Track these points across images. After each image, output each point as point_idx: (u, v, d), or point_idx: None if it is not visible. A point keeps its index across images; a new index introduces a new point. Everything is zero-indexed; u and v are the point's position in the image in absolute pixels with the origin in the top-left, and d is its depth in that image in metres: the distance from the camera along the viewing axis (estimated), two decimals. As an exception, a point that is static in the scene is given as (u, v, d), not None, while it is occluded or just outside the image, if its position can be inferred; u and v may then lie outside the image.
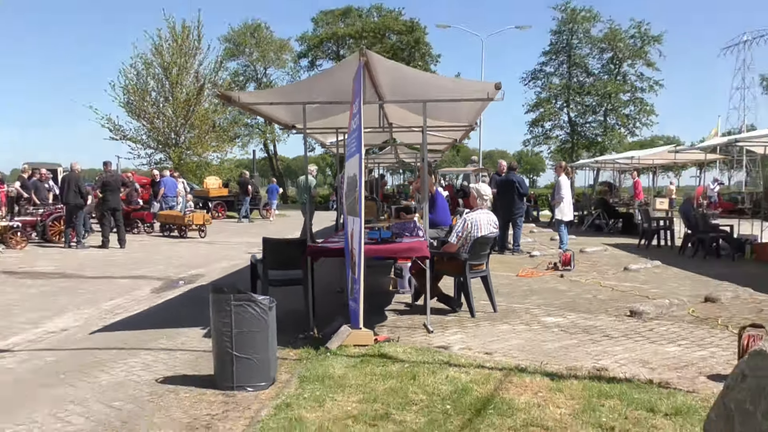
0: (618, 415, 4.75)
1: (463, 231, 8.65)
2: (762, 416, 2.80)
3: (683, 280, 11.73)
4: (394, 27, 53.16)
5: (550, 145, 53.51)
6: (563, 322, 8.19)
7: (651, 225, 18.33)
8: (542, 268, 13.03)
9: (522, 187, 16.15)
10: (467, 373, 5.81)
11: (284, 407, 4.96)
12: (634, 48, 50.04)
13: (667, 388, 5.43)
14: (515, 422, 4.63)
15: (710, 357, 6.56)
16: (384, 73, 8.08)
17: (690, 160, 27.09)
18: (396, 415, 4.80)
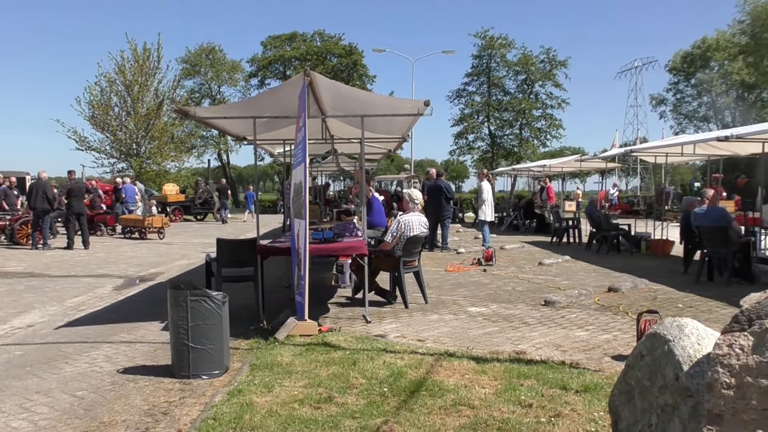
0: (535, 393, 4.78)
1: (397, 231, 8.63)
2: (658, 391, 2.83)
3: (590, 273, 11.94)
4: (335, 50, 52.98)
5: (473, 154, 53.97)
6: (486, 312, 8.24)
7: (561, 224, 18.65)
8: (468, 263, 13.11)
9: (449, 192, 16.24)
10: (402, 359, 5.78)
11: (236, 393, 4.85)
12: (544, 71, 50.91)
13: (578, 368, 5.49)
14: (445, 402, 4.61)
15: (613, 340, 6.67)
16: (326, 91, 8.03)
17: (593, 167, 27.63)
18: (338, 398, 4.74)
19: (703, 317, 7.65)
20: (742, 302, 2.61)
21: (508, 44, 50.52)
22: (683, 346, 2.79)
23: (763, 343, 2.29)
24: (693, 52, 56.50)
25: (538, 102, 51.68)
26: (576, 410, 4.42)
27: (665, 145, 16.13)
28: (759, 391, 2.20)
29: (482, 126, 52.28)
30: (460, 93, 52.38)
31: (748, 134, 11.68)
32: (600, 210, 17.07)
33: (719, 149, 14.67)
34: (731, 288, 9.84)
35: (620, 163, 34.35)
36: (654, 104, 61.66)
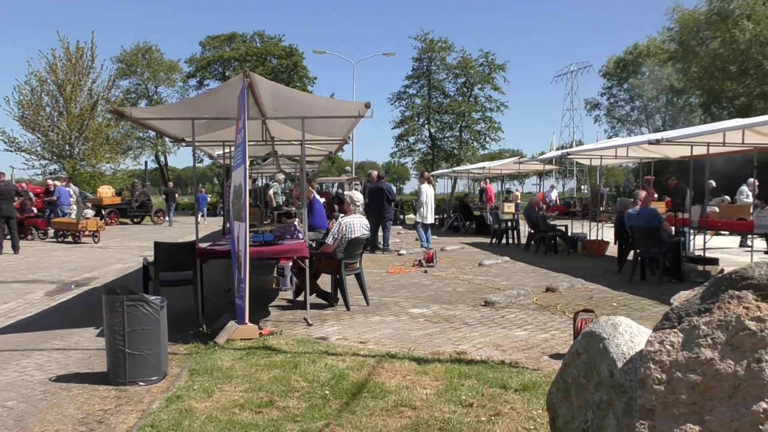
0: (476, 393, 4.84)
1: (338, 233, 8.62)
2: (593, 388, 2.90)
3: (528, 273, 12.14)
4: (275, 52, 52.69)
5: (414, 156, 54.40)
6: (428, 313, 8.29)
7: (500, 226, 18.91)
8: (409, 265, 13.17)
9: (390, 194, 16.30)
10: (344, 361, 5.77)
11: (175, 399, 4.75)
12: (483, 74, 51.73)
13: (517, 367, 5.58)
14: (387, 403, 4.63)
15: (551, 339, 6.80)
16: (266, 92, 7.96)
17: (531, 169, 28.21)
18: (280, 401, 4.70)
19: (636, 315, 7.87)
20: (673, 300, 2.70)
21: (448, 47, 51.19)
22: (617, 344, 2.87)
23: (692, 340, 2.37)
24: (625, 58, 58.28)
25: (478, 105, 52.50)
26: (515, 409, 4.49)
27: (600, 148, 16.57)
28: (688, 385, 2.28)
29: (423, 128, 52.76)
30: (401, 95, 52.80)
31: (677, 138, 12.09)
32: (538, 211, 17.38)
33: (651, 152, 15.14)
34: (663, 286, 10.15)
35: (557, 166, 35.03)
36: (589, 108, 63.35)
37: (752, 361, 2.17)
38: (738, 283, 2.41)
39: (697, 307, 2.47)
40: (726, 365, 2.23)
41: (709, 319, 2.39)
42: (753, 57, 36.97)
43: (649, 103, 57.52)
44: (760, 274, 2.38)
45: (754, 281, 2.37)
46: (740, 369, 2.18)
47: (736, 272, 2.46)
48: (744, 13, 37.73)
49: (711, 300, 2.44)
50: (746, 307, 2.32)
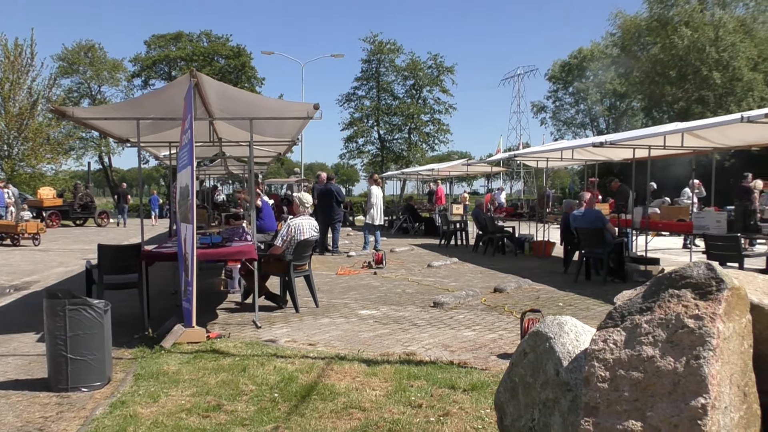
0: (425, 394, 4.86)
1: (287, 235, 8.57)
2: (540, 386, 2.94)
3: (477, 274, 12.26)
4: (222, 52, 52.03)
5: (363, 158, 54.41)
6: (377, 314, 8.31)
7: (449, 227, 19.06)
8: (358, 266, 13.17)
9: (340, 195, 16.27)
10: (293, 363, 5.74)
11: (119, 404, 4.65)
12: (432, 77, 52.10)
13: (465, 368, 5.63)
14: (336, 405, 4.62)
15: (499, 339, 6.88)
16: (213, 92, 7.87)
17: (479, 171, 28.55)
18: (228, 405, 4.64)
19: (581, 315, 8.03)
20: (616, 300, 2.76)
21: (397, 49, 51.36)
22: (563, 343, 2.92)
23: (634, 338, 2.43)
24: (570, 62, 59.38)
25: (427, 107, 52.82)
26: (464, 408, 4.54)
27: (546, 150, 16.85)
28: (630, 382, 2.34)
29: (372, 130, 52.81)
30: (350, 97, 52.75)
31: (620, 141, 12.38)
32: (486, 213, 17.59)
33: (595, 154, 15.48)
34: (607, 286, 10.38)
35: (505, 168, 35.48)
36: (535, 111, 64.29)
37: (691, 358, 2.23)
38: (677, 282, 2.48)
39: (639, 306, 2.53)
40: (666, 362, 2.29)
41: (650, 317, 2.45)
42: (691, 63, 38.09)
43: (593, 107, 58.72)
44: (698, 273, 2.46)
45: (693, 280, 2.44)
46: (680, 366, 2.25)
47: (675, 272, 2.53)
48: (682, 20, 38.85)
49: (652, 299, 2.51)
50: (685, 306, 2.38)
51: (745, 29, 37.96)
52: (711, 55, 36.97)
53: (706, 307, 2.33)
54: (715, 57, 36.90)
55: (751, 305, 2.50)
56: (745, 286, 2.53)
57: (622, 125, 51.20)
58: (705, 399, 2.14)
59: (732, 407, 2.25)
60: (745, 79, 36.41)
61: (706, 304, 2.35)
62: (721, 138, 11.93)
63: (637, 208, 13.20)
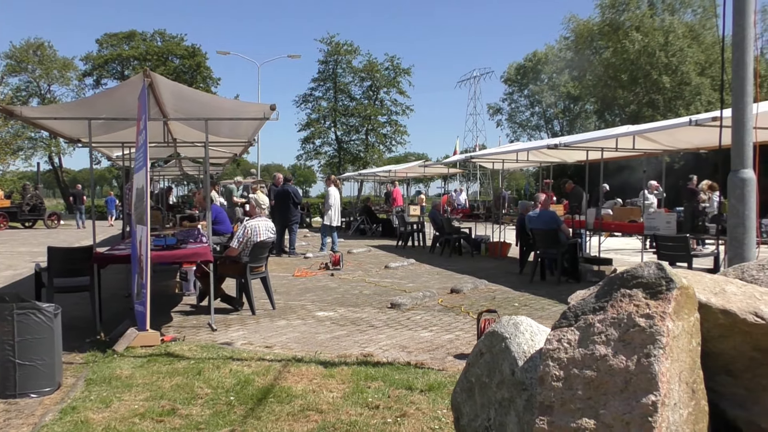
0: (382, 395, 4.87)
1: (243, 237, 8.50)
2: (496, 386, 2.97)
3: (433, 275, 12.32)
4: (177, 51, 51.27)
5: (320, 159, 54.29)
6: (334, 316, 8.29)
7: (406, 228, 19.11)
8: (315, 268, 13.11)
9: (297, 197, 16.19)
10: (249, 366, 5.68)
11: (70, 410, 4.55)
12: (389, 78, 52.27)
13: (422, 368, 5.65)
14: (293, 408, 4.59)
15: (456, 339, 6.92)
16: (167, 92, 7.76)
17: (436, 173, 28.71)
18: (182, 409, 4.58)
19: (536, 315, 8.13)
20: (570, 299, 2.80)
21: (354, 51, 51.40)
22: (518, 343, 2.95)
23: (588, 337, 2.47)
24: (525, 65, 60.13)
25: (384, 108, 52.96)
26: (421, 409, 4.55)
27: (502, 152, 17.02)
28: (584, 381, 2.37)
29: (329, 131, 52.74)
30: (307, 98, 52.59)
31: (573, 143, 12.59)
32: (443, 214, 17.68)
33: (549, 156, 15.70)
34: (561, 286, 10.53)
35: (461, 169, 35.78)
36: (491, 113, 64.93)
37: (642, 356, 2.28)
38: (629, 282, 2.53)
39: (592, 305, 2.57)
40: (618, 361, 2.33)
41: (603, 317, 2.49)
42: (642, 67, 38.95)
43: (547, 109, 59.59)
44: (649, 273, 2.51)
45: (644, 280, 2.49)
46: (631, 364, 2.29)
47: (627, 272, 2.58)
48: (633, 25, 39.71)
49: (605, 299, 2.55)
50: (636, 305, 2.43)
51: (693, 35, 38.98)
52: (661, 59, 37.88)
53: (657, 306, 2.38)
54: (664, 61, 37.81)
55: (699, 304, 2.56)
56: (694, 285, 2.59)
57: (575, 127, 52.09)
58: (655, 396, 2.19)
59: (681, 404, 2.30)
60: (693, 83, 37.39)
61: (657, 304, 2.40)
62: (670, 141, 12.22)
63: (591, 210, 13.43)
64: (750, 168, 5.33)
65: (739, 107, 5.32)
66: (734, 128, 5.37)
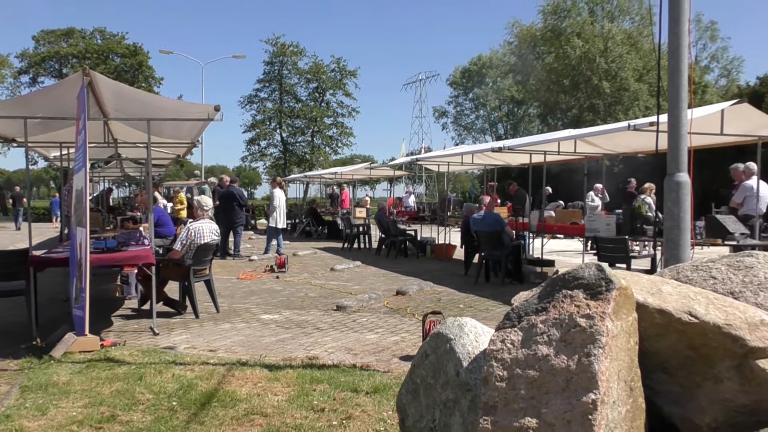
0: (327, 397, 4.85)
1: (186, 239, 8.37)
2: (441, 387, 2.99)
3: (379, 277, 12.34)
4: (118, 50, 50.11)
5: (266, 161, 53.88)
6: (279, 319, 8.23)
7: (352, 230, 19.10)
8: (260, 270, 12.99)
9: (242, 198, 16.03)
10: (192, 371, 5.60)
11: (3, 419, 4.40)
12: (335, 80, 52.20)
13: (368, 370, 5.66)
14: (237, 412, 4.54)
15: (401, 341, 6.95)
16: (108, 92, 7.59)
17: (382, 175, 28.76)
18: (122, 416, 4.48)
19: (481, 316, 8.22)
20: (513, 301, 2.85)
21: (300, 52, 51.15)
22: (463, 344, 2.98)
23: (530, 338, 2.51)
24: (471, 68, 60.85)
25: (330, 110, 52.83)
26: (366, 411, 4.56)
27: (447, 155, 17.18)
28: (527, 381, 2.41)
29: (274, 132, 52.35)
30: (252, 99, 52.08)
31: (517, 146, 12.79)
32: (388, 216, 17.74)
33: (494, 159, 15.90)
34: (505, 288, 10.66)
35: (407, 171, 35.95)
36: (437, 116, 65.50)
37: (582, 356, 2.33)
38: (570, 283, 2.58)
39: (535, 306, 2.61)
40: (560, 360, 2.38)
41: (545, 317, 2.54)
42: (583, 72, 39.84)
43: (492, 113, 60.39)
44: (589, 274, 2.56)
45: (585, 281, 2.54)
46: (572, 363, 2.34)
47: (568, 273, 2.64)
48: (575, 31, 40.60)
49: (547, 299, 2.60)
50: (577, 306, 2.48)
51: (631, 42, 40.05)
52: (601, 65, 38.81)
53: (597, 307, 2.44)
54: (604, 67, 38.76)
55: (637, 304, 2.63)
56: (632, 285, 2.66)
57: (519, 131, 52.94)
58: (595, 394, 2.24)
59: (620, 401, 2.36)
60: (631, 89, 38.42)
61: (597, 304, 2.45)
62: (610, 145, 12.53)
63: (534, 212, 13.66)
64: (685, 172, 5.50)
65: (674, 113, 5.49)
66: (670, 133, 5.53)
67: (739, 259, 3.28)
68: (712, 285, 3.13)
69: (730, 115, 8.76)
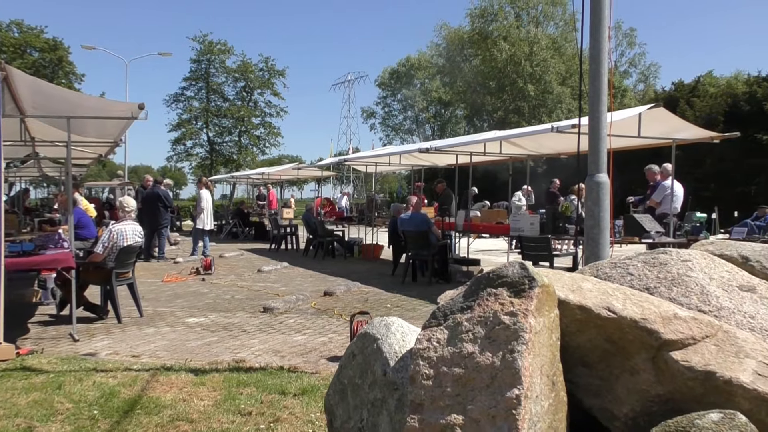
0: (255, 401, 4.80)
1: (108, 241, 8.12)
2: (368, 387, 2.99)
3: (307, 278, 12.29)
4: (36, 44, 48.18)
5: (192, 161, 52.83)
6: (205, 322, 8.09)
7: (280, 231, 18.96)
8: (186, 273, 12.75)
9: (167, 199, 15.70)
10: (115, 377, 5.43)
11: None
12: (263, 79, 51.67)
13: (296, 372, 5.62)
14: (162, 419, 4.43)
15: (329, 342, 6.94)
16: (25, 87, 7.29)
17: (310, 176, 28.61)
18: (40, 427, 4.30)
19: (408, 315, 8.28)
20: (439, 299, 2.88)
21: (228, 50, 50.39)
22: (390, 344, 3.00)
23: (456, 336, 2.54)
24: (399, 70, 61.24)
25: (257, 110, 52.24)
26: (294, 414, 4.52)
27: (375, 155, 17.25)
28: (453, 378, 2.44)
29: (201, 132, 51.41)
30: (178, 97, 50.97)
31: (444, 147, 12.95)
32: (316, 217, 17.68)
33: (421, 160, 16.05)
34: (432, 287, 10.78)
35: (335, 172, 35.90)
36: (365, 116, 65.68)
37: (506, 353, 2.37)
38: (495, 281, 2.62)
39: (461, 305, 2.65)
40: (485, 357, 2.41)
41: (470, 315, 2.57)
42: (509, 75, 40.72)
43: (420, 114, 60.93)
44: (512, 272, 2.61)
45: (508, 279, 2.59)
46: (497, 360, 2.38)
47: (493, 272, 2.68)
48: (501, 35, 41.44)
49: (472, 298, 2.63)
50: (501, 303, 2.52)
51: (555, 47, 41.19)
52: (526, 68, 39.75)
53: (520, 304, 2.49)
54: (529, 71, 39.71)
55: (559, 301, 2.70)
56: (554, 283, 2.72)
57: (446, 132, 53.59)
58: (519, 390, 2.28)
59: (542, 396, 2.42)
60: (555, 92, 39.50)
61: (520, 301, 2.50)
62: (534, 146, 12.83)
63: (460, 212, 13.84)
64: (605, 172, 5.68)
65: (594, 116, 5.66)
66: (590, 135, 5.71)
67: (654, 256, 3.41)
68: (629, 281, 3.25)
69: (647, 119, 9.09)
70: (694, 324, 2.70)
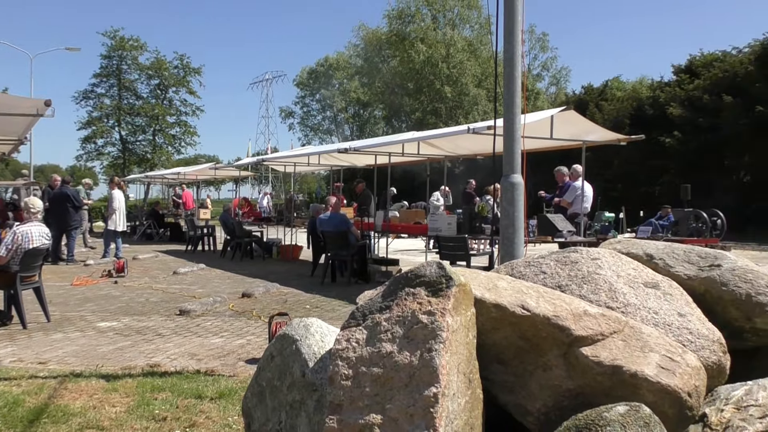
0: (170, 406, 4.67)
1: (13, 244, 7.75)
2: (287, 389, 2.97)
3: (225, 280, 12.09)
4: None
5: (103, 160, 51.10)
6: (118, 326, 7.84)
7: (196, 232, 18.59)
8: (97, 276, 12.31)
9: (76, 199, 15.14)
10: (19, 386, 5.18)
11: None
12: (178, 77, 50.50)
13: (213, 375, 5.52)
14: (71, 427, 4.26)
15: (247, 344, 6.85)
16: None
17: (228, 176, 28.18)
18: (-63, 439, 4.08)
19: (327, 316, 8.27)
20: (358, 300, 2.88)
21: (140, 47, 48.97)
22: (309, 345, 2.98)
23: (375, 336, 2.55)
24: (317, 69, 61.01)
25: (173, 108, 51.03)
26: (211, 418, 4.44)
27: (294, 155, 17.16)
28: (371, 378, 2.45)
29: (113, 130, 49.79)
30: (88, 94, 49.15)
31: (363, 147, 13.00)
32: (234, 217, 17.42)
33: (340, 160, 16.05)
34: (351, 287, 10.79)
35: (253, 172, 35.47)
36: (283, 116, 65.12)
37: (424, 351, 2.39)
38: (413, 281, 2.65)
39: (379, 305, 2.66)
40: (403, 357, 2.43)
41: (389, 315, 2.58)
42: (426, 77, 41.22)
43: (338, 114, 60.87)
44: (430, 272, 2.64)
45: (426, 279, 2.62)
46: (415, 359, 2.40)
47: (411, 271, 2.70)
48: (418, 36, 41.92)
49: (391, 298, 2.65)
50: (420, 303, 2.55)
51: (471, 49, 41.98)
52: (443, 70, 40.34)
53: (438, 304, 2.52)
54: (446, 73, 40.31)
55: (475, 299, 2.75)
56: (471, 282, 2.77)
57: (365, 132, 53.73)
58: (436, 388, 2.31)
59: (459, 393, 2.45)
60: (471, 94, 40.26)
61: (438, 301, 2.53)
62: (451, 147, 13.02)
63: (379, 212, 13.92)
64: (519, 173, 5.82)
65: (509, 117, 5.79)
66: (505, 137, 5.83)
67: (566, 254, 3.52)
68: (542, 279, 3.34)
69: (559, 121, 9.37)
70: (602, 320, 2.80)
